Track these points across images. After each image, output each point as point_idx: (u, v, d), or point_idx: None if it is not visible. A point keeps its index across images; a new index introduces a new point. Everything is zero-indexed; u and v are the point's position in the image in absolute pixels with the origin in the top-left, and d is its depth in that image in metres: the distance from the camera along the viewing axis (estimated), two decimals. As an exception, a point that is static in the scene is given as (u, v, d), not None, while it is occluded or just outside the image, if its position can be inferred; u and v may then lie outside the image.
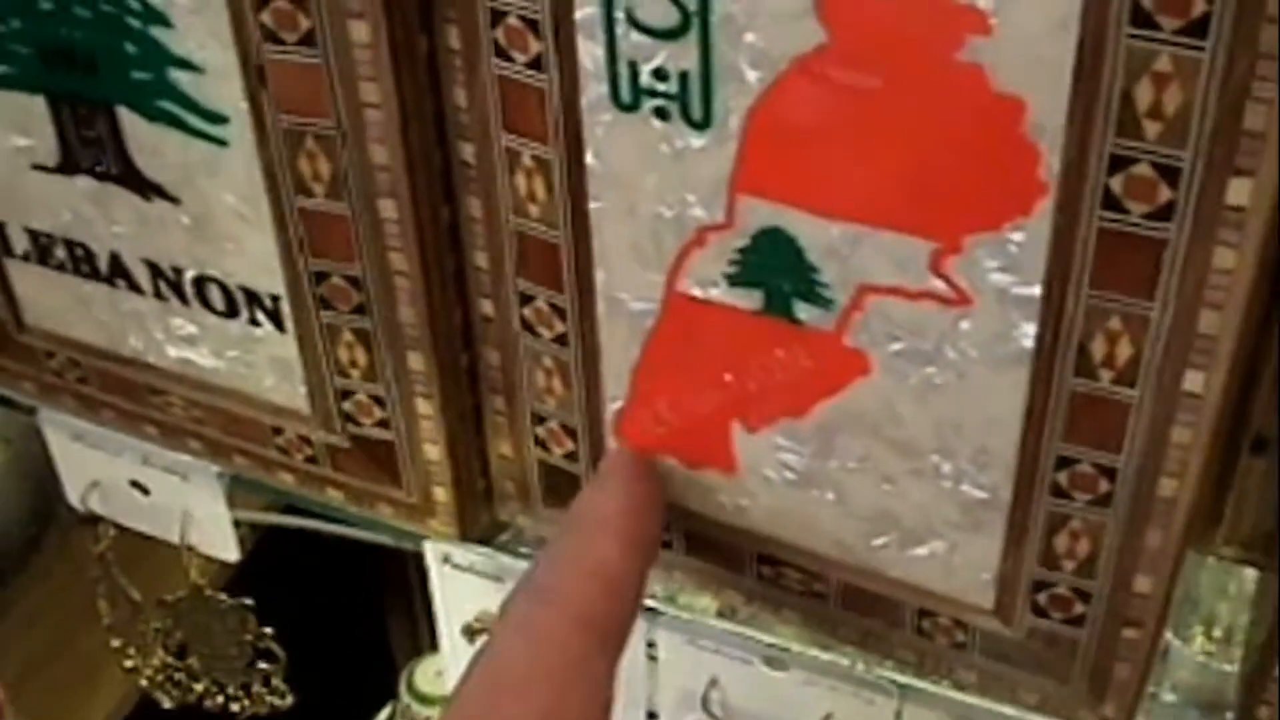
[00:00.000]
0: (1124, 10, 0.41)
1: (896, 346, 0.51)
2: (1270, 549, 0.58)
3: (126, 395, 0.68)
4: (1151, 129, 0.43)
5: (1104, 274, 0.46)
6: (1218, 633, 0.69)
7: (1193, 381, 0.47)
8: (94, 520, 0.78)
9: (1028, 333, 0.49)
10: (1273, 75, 0.41)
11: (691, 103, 0.49)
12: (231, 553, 0.75)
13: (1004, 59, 0.44)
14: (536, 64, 0.50)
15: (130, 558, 0.85)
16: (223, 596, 0.82)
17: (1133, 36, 0.42)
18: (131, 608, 0.85)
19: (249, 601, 0.82)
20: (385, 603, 1.43)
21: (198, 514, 0.74)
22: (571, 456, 0.60)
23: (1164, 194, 0.44)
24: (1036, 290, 0.48)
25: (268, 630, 0.83)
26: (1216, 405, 0.48)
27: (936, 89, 0.45)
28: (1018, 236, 0.47)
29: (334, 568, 1.08)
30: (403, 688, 1.14)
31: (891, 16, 0.44)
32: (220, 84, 0.55)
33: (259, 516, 0.87)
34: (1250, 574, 0.63)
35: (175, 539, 0.75)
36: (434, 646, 0.81)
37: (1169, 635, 0.67)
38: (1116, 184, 0.44)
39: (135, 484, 0.74)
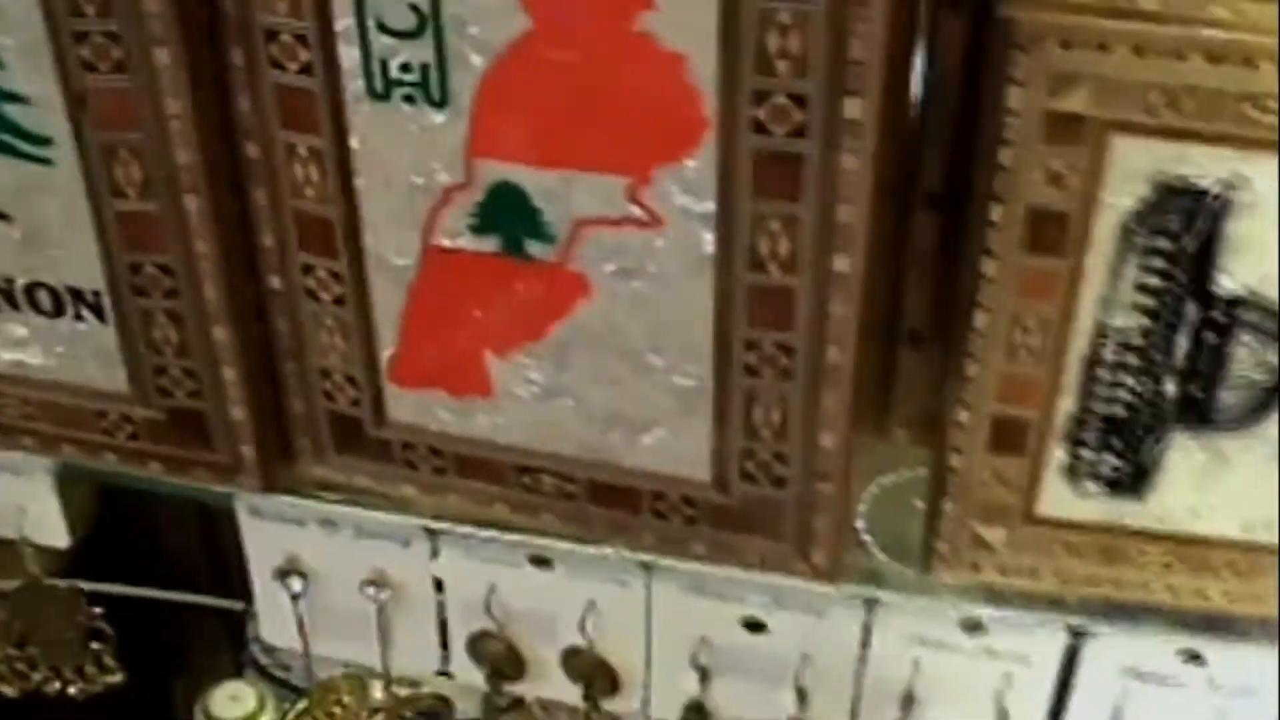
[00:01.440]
0: (752, -21, 0.55)
1: (610, 268, 0.64)
2: (935, 429, 0.71)
3: (-40, 403, 0.78)
4: (782, 67, 0.57)
5: (760, 185, 0.60)
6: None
7: (840, 263, 0.61)
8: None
9: (709, 241, 0.62)
10: (866, 16, 0.55)
11: (431, 87, 0.61)
12: (62, 539, 0.85)
13: (667, 26, 0.57)
14: (306, 70, 0.62)
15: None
16: (58, 583, 0.90)
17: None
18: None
19: (82, 585, 0.91)
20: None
21: (30, 508, 0.83)
22: (356, 403, 0.72)
23: (797, 116, 0.58)
24: (712, 206, 0.61)
25: (97, 610, 0.92)
26: (860, 279, 0.61)
27: (618, 55, 0.58)
28: (692, 164, 0.60)
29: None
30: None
31: (581, 3, 0.58)
32: (44, 112, 0.66)
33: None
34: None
35: (9, 534, 0.84)
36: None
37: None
38: (762, 113, 0.58)
39: (-31, 487, 0.84)
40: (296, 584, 0.84)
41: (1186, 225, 0.60)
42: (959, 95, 0.64)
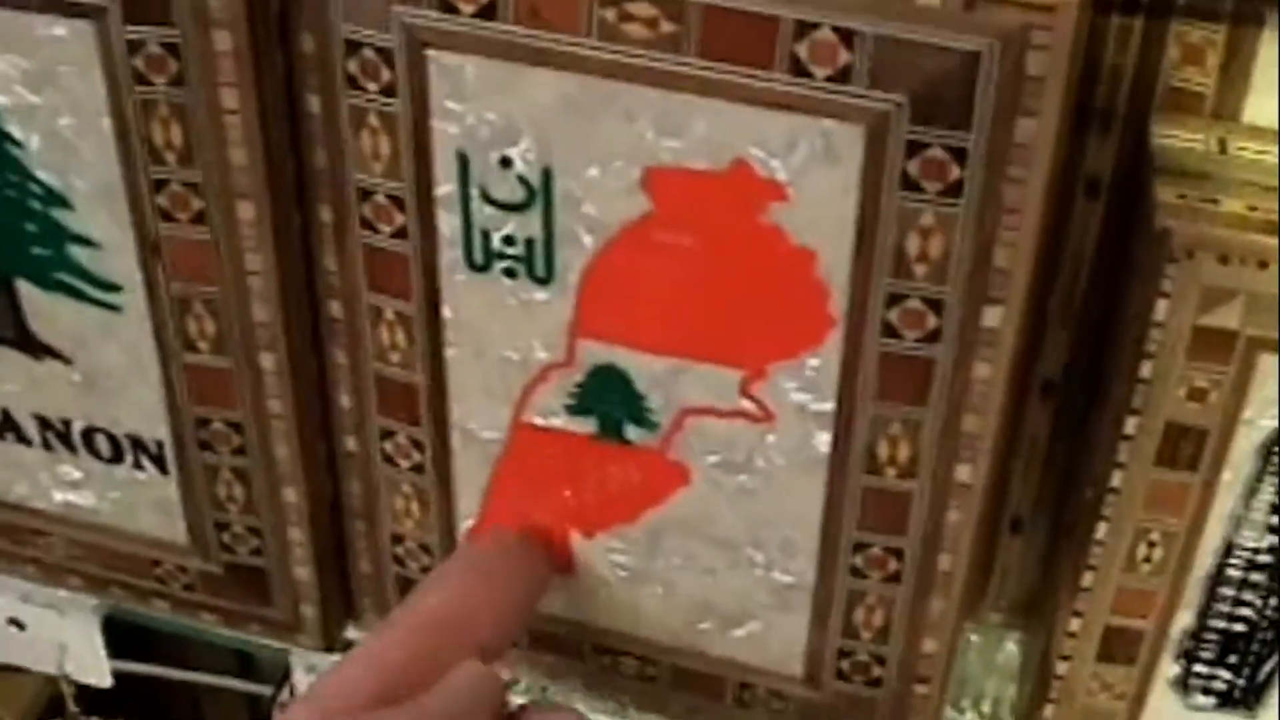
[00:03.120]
0: (895, 177, 0.52)
1: (713, 459, 0.60)
2: (1031, 612, 0.68)
3: (8, 538, 0.74)
4: (920, 270, 0.53)
5: (885, 388, 0.56)
6: (986, 707, 0.78)
7: (962, 472, 0.58)
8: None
9: (824, 441, 0.58)
10: (1014, 224, 0.52)
11: (536, 263, 0.58)
12: (105, 679, 0.81)
13: (798, 220, 0.54)
14: (401, 234, 0.59)
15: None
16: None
17: (902, 198, 0.52)
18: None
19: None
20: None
21: (72, 645, 0.80)
22: (427, 570, 0.69)
23: (931, 322, 0.54)
24: (830, 406, 0.58)
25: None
26: (981, 491, 0.58)
27: (743, 245, 0.55)
28: (813, 362, 0.57)
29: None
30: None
31: (706, 190, 0.54)
32: (116, 257, 0.62)
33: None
34: (1011, 648, 0.73)
35: (50, 670, 0.81)
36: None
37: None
38: (893, 316, 0.54)
39: (13, 621, 0.80)
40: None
41: (1328, 446, 0.56)
42: (1088, 284, 0.61)
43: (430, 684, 0.58)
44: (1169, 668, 0.63)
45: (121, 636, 0.86)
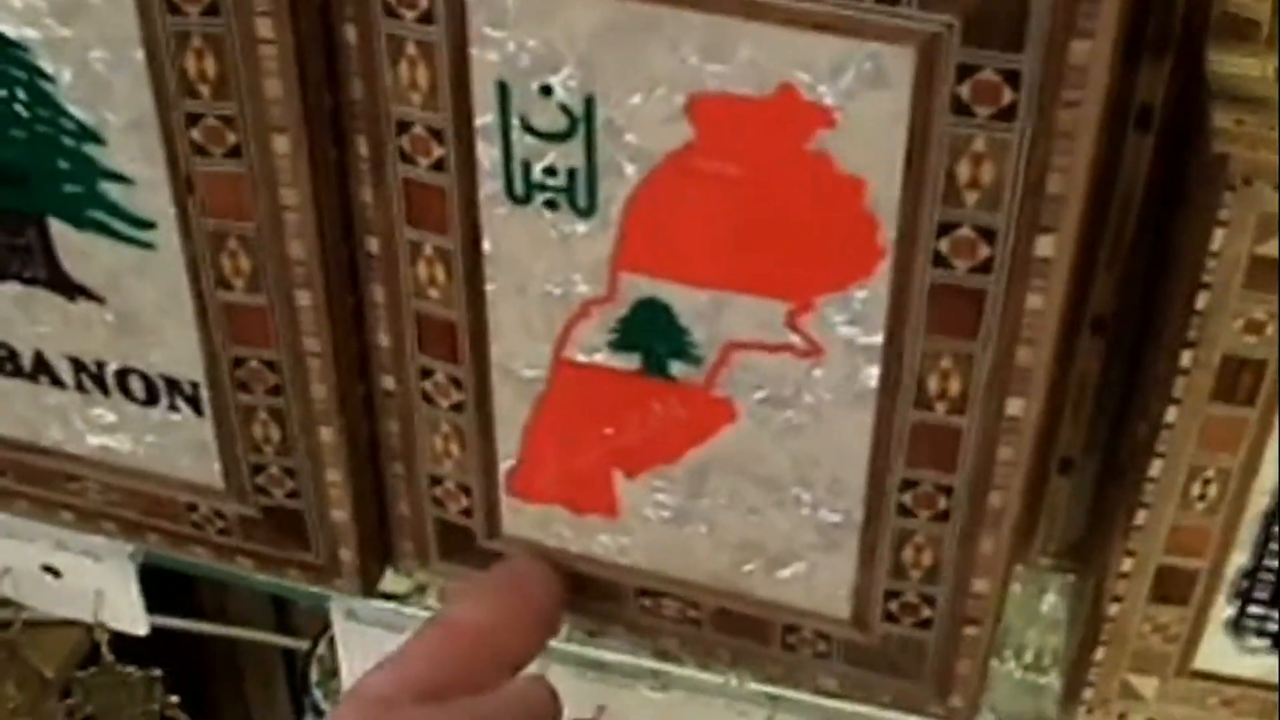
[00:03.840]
0: (945, 101, 0.50)
1: (759, 395, 0.59)
2: (1080, 555, 0.67)
3: (43, 484, 0.73)
4: (971, 198, 0.52)
5: (935, 321, 0.55)
6: (1028, 657, 0.77)
7: (1014, 407, 0.56)
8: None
9: (872, 375, 0.57)
10: (1067, 150, 0.50)
11: (578, 194, 0.57)
12: (141, 626, 0.81)
13: (847, 147, 0.52)
14: (439, 166, 0.58)
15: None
16: (132, 669, 0.87)
17: (953, 123, 0.51)
18: (41, 686, 0.90)
19: (157, 672, 0.88)
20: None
21: (108, 592, 0.79)
22: (466, 513, 0.68)
23: (983, 251, 0.53)
24: (878, 339, 0.56)
25: (174, 699, 0.89)
26: (1033, 427, 0.56)
27: (789, 174, 0.53)
28: (861, 294, 0.55)
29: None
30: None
31: (751, 117, 0.53)
32: (149, 194, 0.61)
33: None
34: (1052, 599, 0.72)
35: (85, 617, 0.81)
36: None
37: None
38: (944, 245, 0.53)
39: (48, 568, 0.80)
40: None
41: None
42: (1139, 218, 0.60)
43: (467, 693, 0.59)
44: (1223, 609, 0.62)
45: (159, 588, 0.86)
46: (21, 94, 0.61)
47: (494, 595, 0.65)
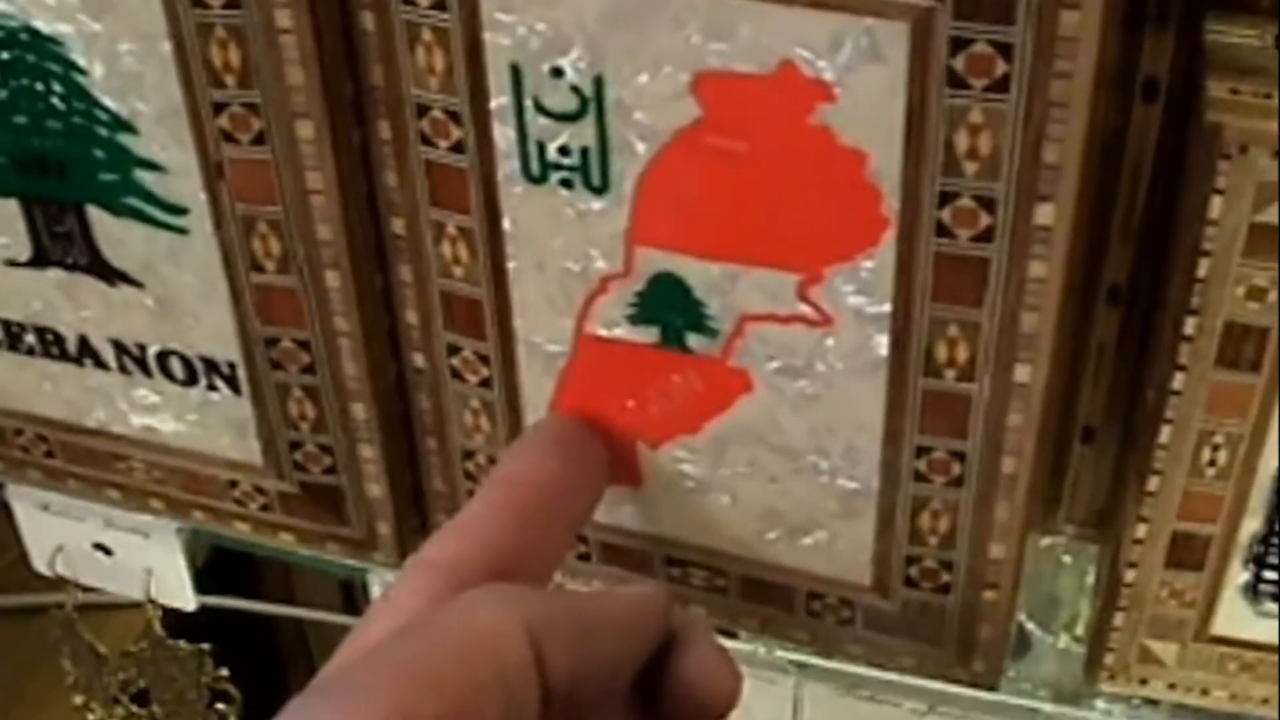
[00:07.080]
0: (941, 74, 0.51)
1: (774, 365, 0.61)
2: (1104, 524, 0.68)
3: (91, 464, 0.75)
4: (970, 168, 0.53)
5: (941, 289, 0.56)
6: (1080, 629, 0.78)
7: (1021, 373, 0.57)
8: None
9: (882, 344, 0.58)
10: (1062, 119, 0.51)
11: (591, 172, 0.58)
12: (189, 603, 0.83)
13: (847, 120, 0.54)
14: (458, 148, 0.59)
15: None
16: (182, 643, 0.89)
17: (949, 95, 0.52)
18: (96, 662, 0.92)
19: (206, 646, 0.90)
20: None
21: (158, 569, 0.82)
22: (499, 487, 0.69)
23: (984, 220, 0.54)
24: (887, 308, 0.57)
25: (224, 672, 0.91)
26: (1042, 391, 0.57)
27: (793, 148, 0.55)
28: (868, 264, 0.57)
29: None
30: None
31: (754, 93, 0.54)
32: (181, 180, 0.63)
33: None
34: (1068, 561, 0.72)
35: (137, 595, 0.83)
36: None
37: (1034, 627, 0.76)
38: (946, 215, 0.54)
39: (99, 546, 0.82)
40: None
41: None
42: (1149, 187, 0.60)
43: (537, 555, 0.58)
44: (1238, 574, 0.63)
45: (226, 570, 0.88)
46: (57, 87, 0.63)
47: (551, 451, 0.62)
